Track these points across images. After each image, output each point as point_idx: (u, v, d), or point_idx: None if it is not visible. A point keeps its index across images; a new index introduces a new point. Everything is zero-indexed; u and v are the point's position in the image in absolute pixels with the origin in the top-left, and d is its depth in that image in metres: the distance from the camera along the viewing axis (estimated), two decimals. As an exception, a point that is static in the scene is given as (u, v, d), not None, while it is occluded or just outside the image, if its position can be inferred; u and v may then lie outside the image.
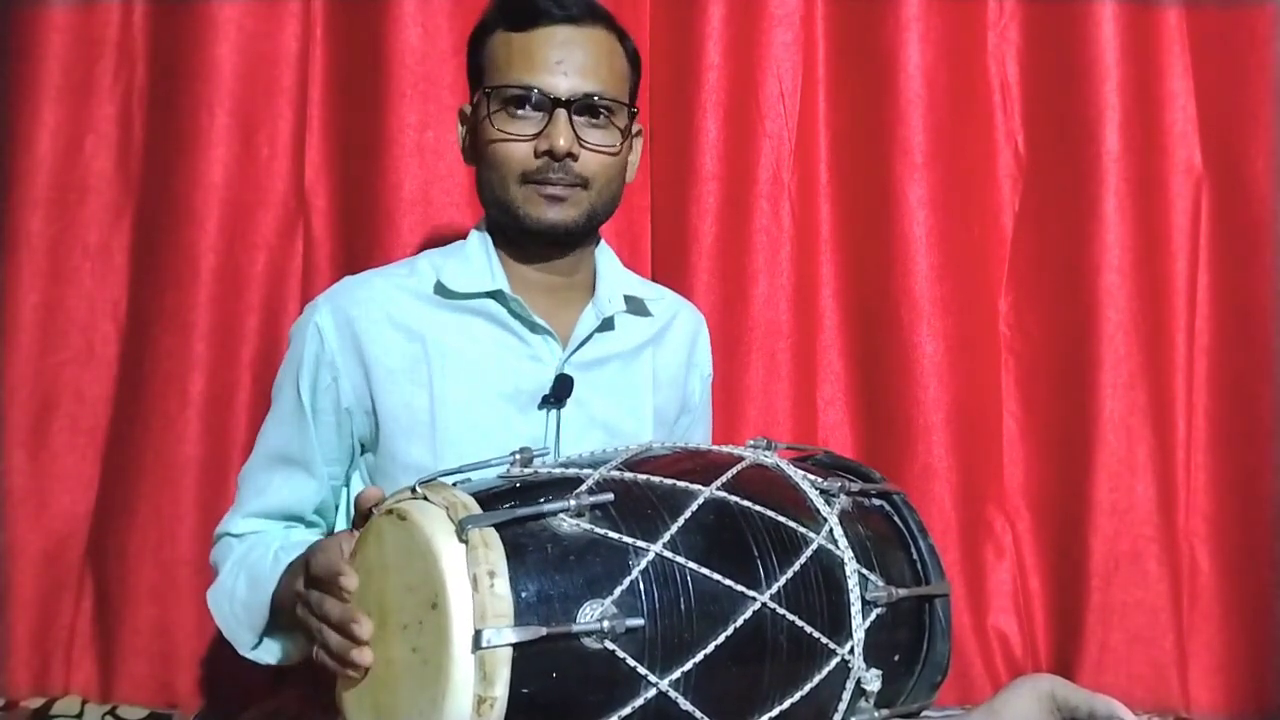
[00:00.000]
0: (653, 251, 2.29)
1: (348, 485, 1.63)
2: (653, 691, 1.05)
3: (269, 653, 1.51)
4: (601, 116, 1.51)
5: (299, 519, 1.60)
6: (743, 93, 2.24)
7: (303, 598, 1.20)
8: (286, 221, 2.23)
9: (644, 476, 1.18)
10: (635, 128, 1.62)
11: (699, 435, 1.85)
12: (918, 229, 2.20)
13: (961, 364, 2.22)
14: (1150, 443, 2.18)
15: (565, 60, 1.48)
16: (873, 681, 1.19)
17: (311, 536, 1.59)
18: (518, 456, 1.19)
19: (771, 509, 1.20)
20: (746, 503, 1.19)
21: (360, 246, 2.18)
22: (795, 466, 1.32)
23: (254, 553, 1.52)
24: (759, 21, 2.24)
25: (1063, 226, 2.24)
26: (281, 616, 1.44)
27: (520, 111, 1.49)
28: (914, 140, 2.21)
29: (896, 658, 1.26)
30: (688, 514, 1.13)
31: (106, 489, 2.20)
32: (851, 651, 1.18)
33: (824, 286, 2.29)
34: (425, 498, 1.10)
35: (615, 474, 1.17)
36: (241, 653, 1.51)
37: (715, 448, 1.36)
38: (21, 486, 2.17)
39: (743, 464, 1.26)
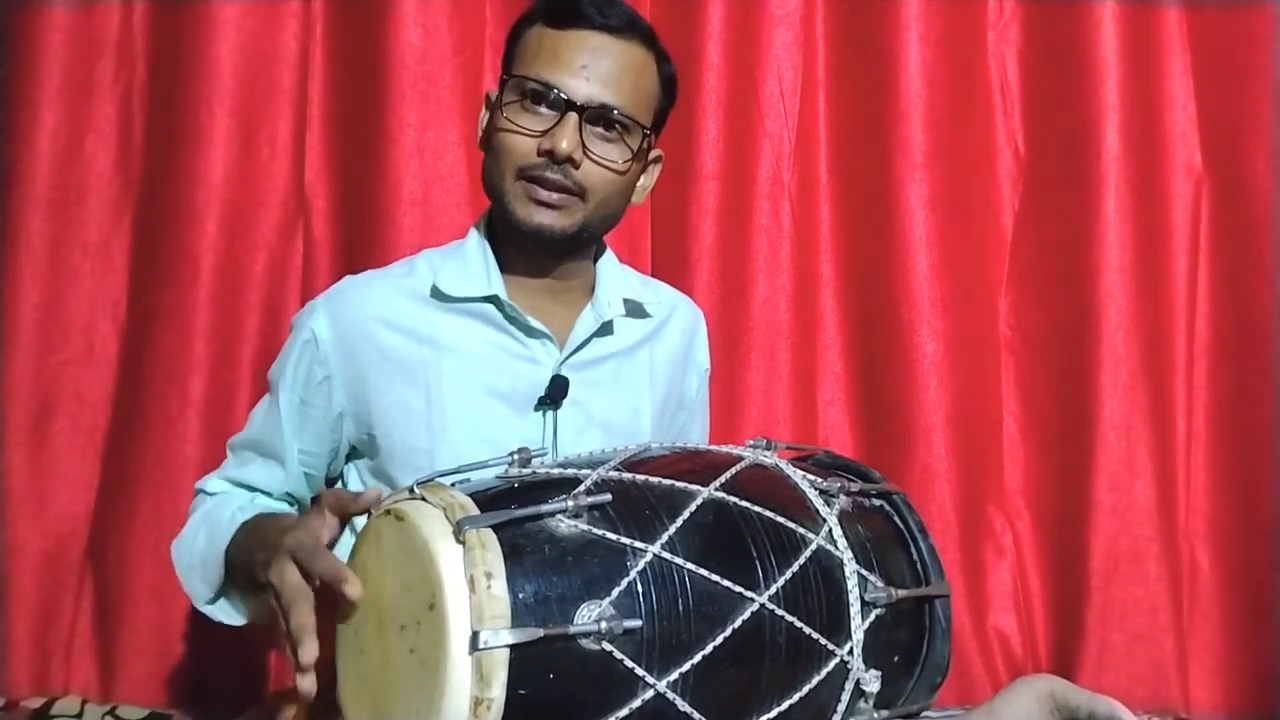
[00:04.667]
0: (653, 251, 2.29)
1: (345, 486, 1.63)
2: (650, 693, 1.05)
3: (224, 612, 1.52)
4: (615, 130, 1.48)
5: (266, 494, 1.63)
6: (743, 93, 2.24)
7: (275, 589, 1.18)
8: (286, 221, 2.24)
9: (642, 477, 1.17)
10: (654, 153, 1.61)
11: (696, 432, 1.84)
12: (918, 229, 2.20)
13: (961, 364, 2.22)
14: (1150, 443, 2.18)
15: (590, 66, 1.46)
16: (872, 682, 1.19)
17: (271, 503, 1.61)
18: (516, 457, 1.19)
19: (771, 509, 1.20)
20: (745, 503, 1.19)
21: (360, 246, 2.18)
22: (795, 466, 1.31)
23: (217, 510, 1.54)
24: (759, 21, 2.25)
25: (1063, 226, 2.24)
26: (236, 575, 1.45)
27: (535, 107, 1.47)
28: (914, 140, 2.21)
29: (896, 658, 1.26)
30: (686, 514, 1.13)
31: (106, 489, 2.21)
32: (851, 652, 1.17)
33: (824, 286, 2.29)
34: (423, 498, 1.10)
35: (613, 474, 1.17)
36: (196, 605, 1.53)
37: (714, 448, 1.36)
38: (21, 486, 2.18)
39: (742, 464, 1.26)
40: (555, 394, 1.53)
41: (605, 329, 1.61)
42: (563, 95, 1.45)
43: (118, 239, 2.25)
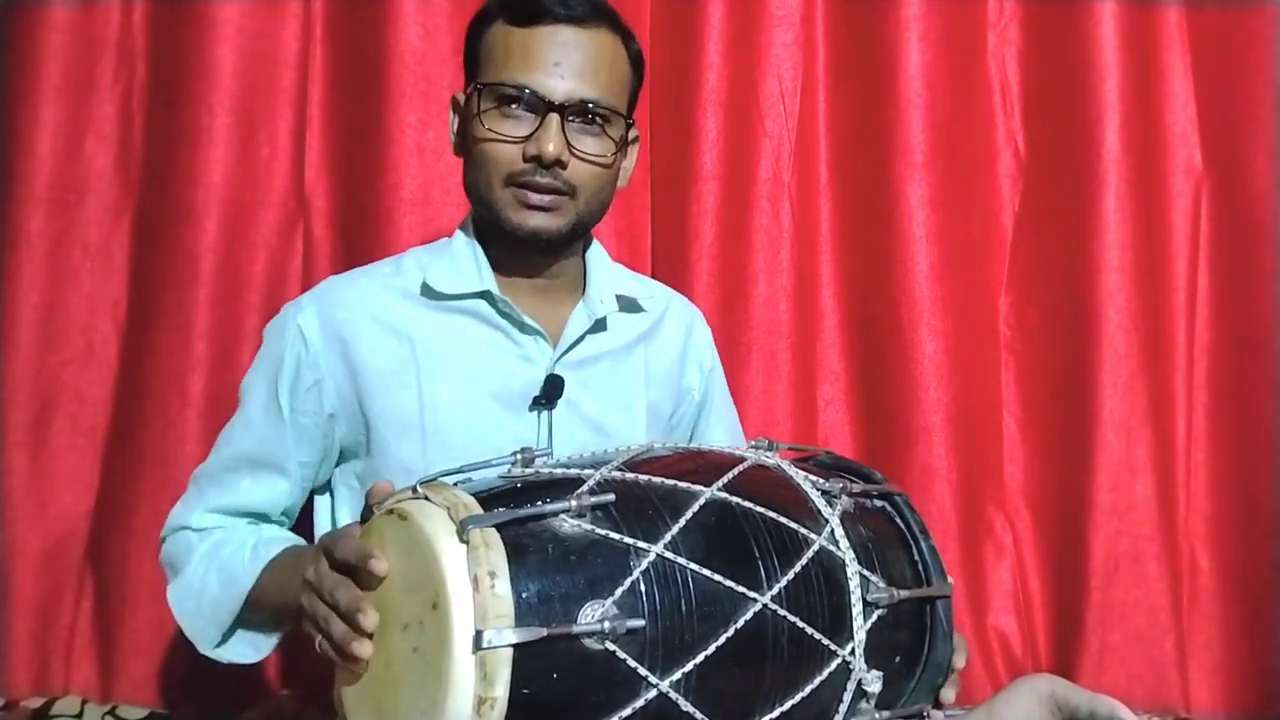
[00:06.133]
0: (653, 251, 2.29)
1: (333, 493, 1.61)
2: (653, 692, 1.04)
3: (234, 652, 1.50)
4: (596, 124, 1.47)
5: (264, 518, 1.58)
6: (743, 93, 2.24)
7: (313, 585, 1.16)
8: (286, 221, 2.23)
9: (645, 477, 1.17)
10: (632, 134, 1.58)
11: (720, 432, 1.83)
12: (918, 229, 2.20)
13: (961, 364, 2.22)
14: (1150, 443, 2.18)
15: (563, 62, 1.44)
16: (874, 683, 1.19)
17: (284, 533, 1.57)
18: (519, 456, 1.19)
19: (773, 510, 1.20)
20: (748, 503, 1.19)
21: (360, 246, 2.18)
22: (797, 467, 1.31)
23: (225, 549, 1.50)
24: (759, 21, 2.24)
25: (1063, 226, 2.24)
26: (257, 613, 1.45)
27: (512, 111, 1.45)
28: (914, 140, 2.21)
29: (897, 659, 1.26)
30: (689, 515, 1.13)
31: (106, 489, 2.20)
32: (852, 653, 1.17)
33: (824, 286, 2.29)
34: (426, 498, 1.09)
35: (616, 474, 1.16)
36: (202, 650, 1.50)
37: (716, 448, 1.35)
38: (21, 486, 2.17)
39: (744, 464, 1.25)
40: (550, 394, 1.51)
41: (599, 326, 1.59)
42: (541, 96, 1.43)
43: (118, 239, 2.25)
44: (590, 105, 1.45)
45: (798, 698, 1.14)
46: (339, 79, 2.24)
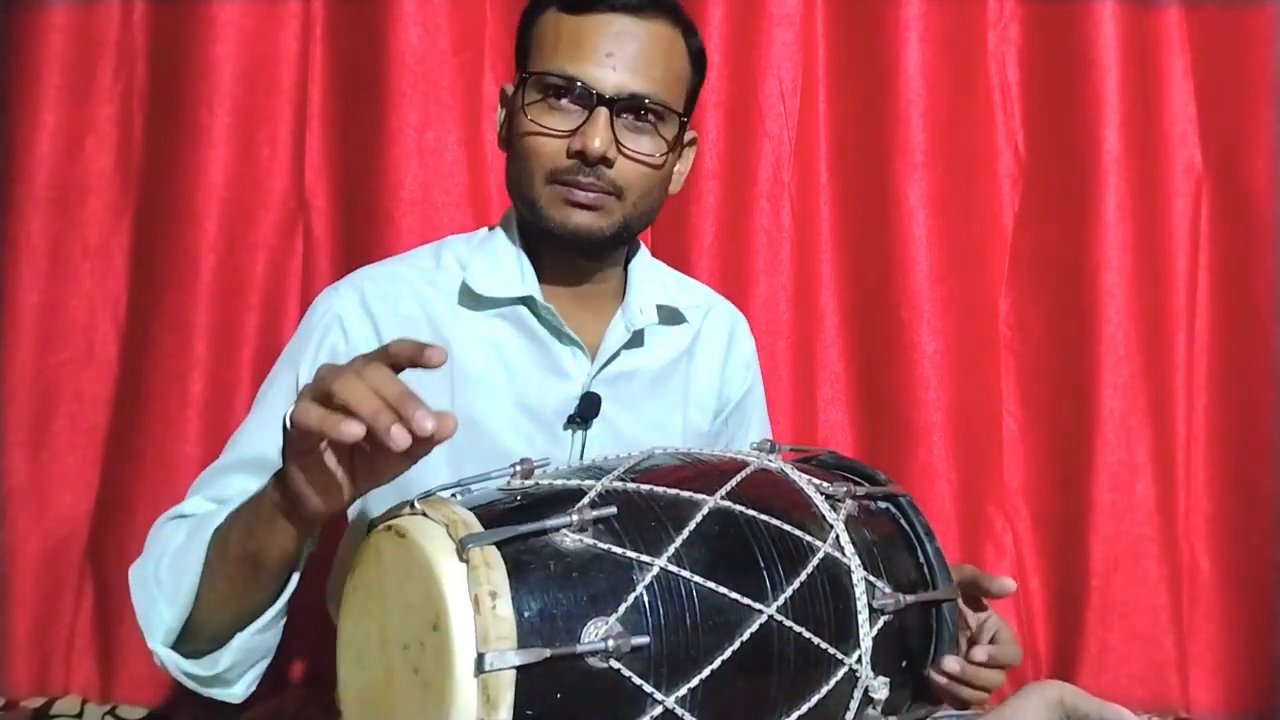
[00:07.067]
0: (653, 251, 2.27)
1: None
2: (659, 709, 1.03)
3: (191, 662, 1.24)
4: (647, 121, 1.39)
5: None
6: (743, 93, 2.24)
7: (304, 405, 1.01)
8: (286, 221, 2.23)
9: (647, 487, 1.15)
10: (688, 135, 1.50)
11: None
12: (918, 229, 2.20)
13: (961, 364, 2.22)
14: (1150, 443, 2.18)
15: (616, 53, 1.35)
16: (880, 689, 1.18)
17: None
18: (518, 468, 1.16)
19: (777, 517, 1.18)
20: (752, 511, 1.17)
21: (360, 246, 2.17)
22: (800, 471, 1.30)
23: (211, 518, 1.25)
24: (759, 21, 2.24)
25: (1063, 226, 2.24)
26: (223, 562, 1.19)
27: (559, 103, 1.36)
28: (914, 140, 2.20)
29: (903, 664, 1.25)
30: (692, 526, 1.11)
31: (106, 489, 2.20)
32: (859, 661, 1.16)
33: (824, 286, 2.28)
34: (424, 514, 1.07)
35: (618, 485, 1.14)
36: (150, 642, 1.24)
37: (718, 453, 1.33)
38: (21, 486, 2.17)
39: (747, 470, 1.23)
40: (586, 413, 1.46)
41: (636, 340, 1.53)
42: (590, 88, 1.35)
43: (118, 239, 2.24)
44: (642, 100, 1.37)
45: (805, 708, 1.13)
46: (339, 79, 2.24)
